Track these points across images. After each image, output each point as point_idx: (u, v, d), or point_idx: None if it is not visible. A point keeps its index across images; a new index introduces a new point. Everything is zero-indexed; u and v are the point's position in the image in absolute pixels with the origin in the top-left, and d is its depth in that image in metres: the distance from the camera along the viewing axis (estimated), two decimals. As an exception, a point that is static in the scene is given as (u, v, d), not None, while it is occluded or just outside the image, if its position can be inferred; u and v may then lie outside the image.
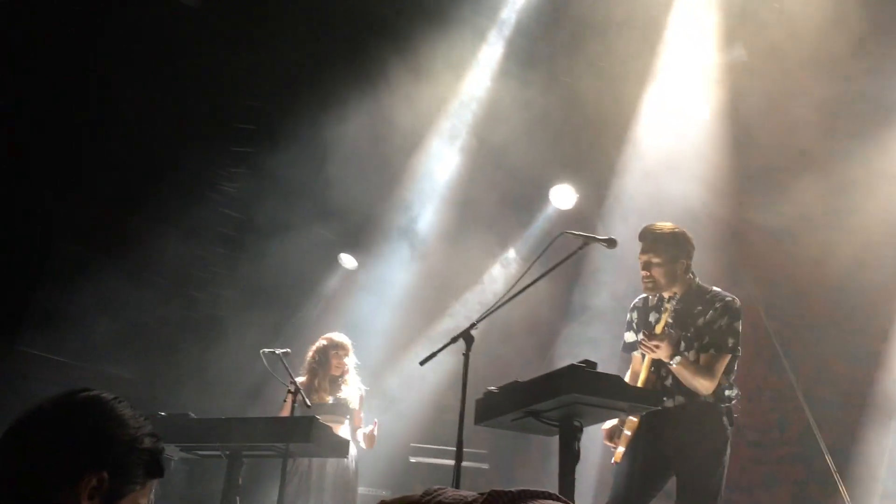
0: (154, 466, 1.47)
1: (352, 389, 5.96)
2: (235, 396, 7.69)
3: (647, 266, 4.13)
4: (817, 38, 5.51)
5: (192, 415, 5.10)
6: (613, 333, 5.76)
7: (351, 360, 6.02)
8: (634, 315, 4.37)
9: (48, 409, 1.40)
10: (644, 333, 4.01)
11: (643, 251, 4.15)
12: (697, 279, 4.17)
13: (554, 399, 3.41)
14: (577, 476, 3.45)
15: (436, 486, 1.18)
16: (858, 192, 5.94)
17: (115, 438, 1.40)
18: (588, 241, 3.94)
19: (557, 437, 3.66)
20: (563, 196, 7.46)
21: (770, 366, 6.42)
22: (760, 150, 6.50)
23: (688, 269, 4.16)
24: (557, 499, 1.06)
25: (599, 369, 3.43)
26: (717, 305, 4.03)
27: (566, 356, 5.09)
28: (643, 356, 4.12)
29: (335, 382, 5.93)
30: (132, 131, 7.16)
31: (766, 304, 6.53)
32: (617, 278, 6.57)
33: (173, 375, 7.49)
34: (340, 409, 5.83)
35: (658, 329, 3.99)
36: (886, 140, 5.78)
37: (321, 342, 6.05)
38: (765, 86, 6.10)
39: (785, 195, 6.38)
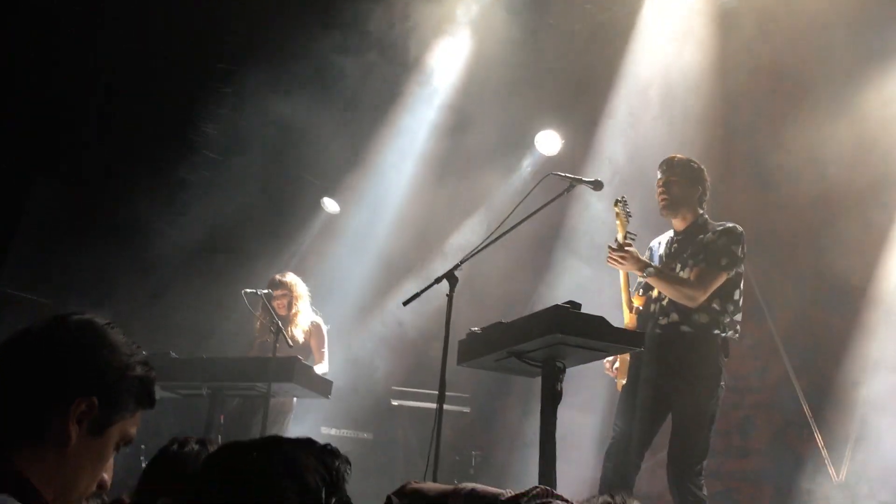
0: (145, 396, 1.41)
1: (298, 326, 5.86)
2: (216, 337, 7.68)
3: (666, 185, 4.17)
4: None
5: (174, 354, 5.09)
6: (597, 278, 5.77)
7: (290, 298, 5.88)
8: (648, 255, 4.38)
9: (38, 331, 1.35)
10: (609, 246, 4.02)
11: (663, 173, 4.21)
12: (707, 215, 4.21)
13: (537, 339, 3.40)
14: (582, 414, 3.47)
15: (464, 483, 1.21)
16: (840, 142, 5.93)
17: (107, 364, 1.35)
18: (574, 182, 3.93)
19: (539, 378, 3.68)
20: (548, 142, 7.40)
21: (751, 314, 6.46)
22: (745, 99, 6.46)
23: (702, 200, 4.19)
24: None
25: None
26: (718, 229, 4.09)
27: (550, 300, 5.08)
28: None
29: (289, 323, 5.82)
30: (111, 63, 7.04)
31: (749, 252, 6.54)
32: (601, 223, 6.56)
33: (153, 316, 7.45)
34: (300, 351, 5.76)
35: (620, 238, 4.00)
36: (874, 87, 5.75)
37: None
38: (751, 32, 6.05)
39: (768, 145, 6.37)
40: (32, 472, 1.25)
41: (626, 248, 3.95)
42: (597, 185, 3.97)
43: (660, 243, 4.36)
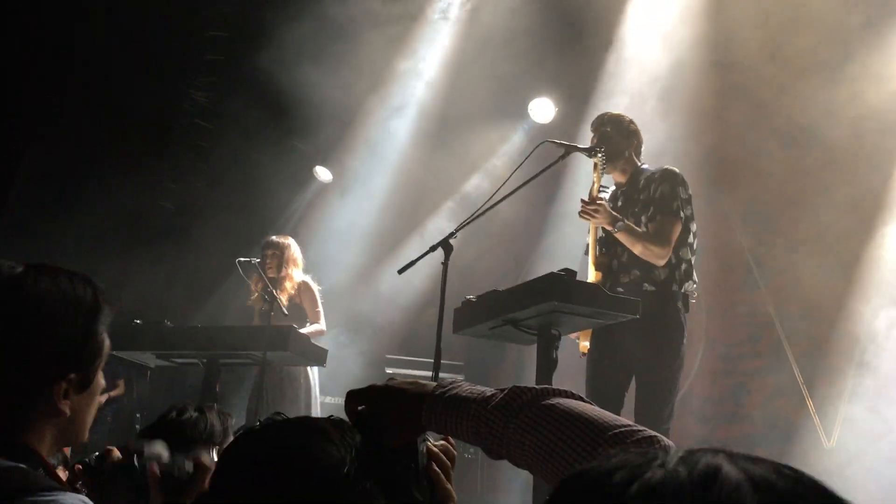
0: (110, 331, 1.34)
1: (286, 289, 5.78)
2: (210, 304, 7.69)
3: (600, 136, 4.15)
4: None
5: (168, 322, 5.09)
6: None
7: (280, 259, 5.80)
8: None
9: None
10: (582, 199, 3.99)
11: (594, 130, 4.23)
12: (646, 165, 4.20)
13: (533, 307, 3.42)
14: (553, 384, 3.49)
15: (450, 380, 1.15)
16: (833, 110, 5.93)
17: (68, 333, 1.26)
18: (570, 150, 3.91)
19: (534, 346, 3.69)
20: (542, 109, 7.38)
21: (744, 281, 6.50)
22: (740, 70, 6.44)
23: (638, 150, 4.20)
24: (580, 398, 1.05)
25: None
26: (656, 176, 4.07)
27: (544, 269, 5.09)
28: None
29: (278, 285, 5.74)
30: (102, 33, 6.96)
31: (741, 221, 6.56)
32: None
33: (146, 283, 7.45)
34: (293, 311, 5.73)
35: (594, 192, 3.99)
36: (871, 56, 5.72)
37: None
38: (746, 8, 6.02)
39: (761, 113, 6.36)
40: (42, 442, 1.25)
41: (599, 202, 3.92)
42: (591, 153, 3.95)
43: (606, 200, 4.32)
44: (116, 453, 1.59)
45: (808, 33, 5.96)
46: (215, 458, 1.59)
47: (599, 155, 4.00)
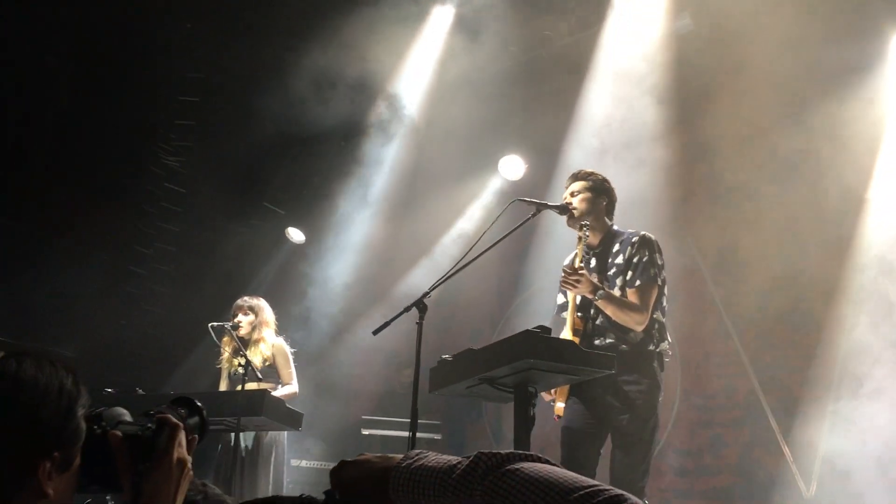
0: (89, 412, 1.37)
1: (258, 351, 5.69)
2: (182, 371, 7.58)
3: (572, 195, 4.19)
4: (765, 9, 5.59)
5: (140, 391, 5.01)
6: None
7: (250, 319, 5.73)
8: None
9: None
10: (563, 269, 4.02)
11: (570, 183, 4.25)
12: (616, 226, 4.24)
13: (509, 365, 3.40)
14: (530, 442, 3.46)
15: (416, 451, 1.15)
16: (802, 161, 6.06)
17: (50, 415, 1.29)
18: (541, 207, 3.96)
19: (511, 404, 3.67)
20: (512, 167, 7.46)
21: (716, 332, 6.54)
22: (707, 120, 6.56)
23: (609, 211, 4.23)
24: (546, 461, 1.04)
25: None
26: (634, 240, 4.09)
27: (517, 327, 5.10)
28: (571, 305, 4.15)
29: (250, 346, 5.67)
30: (67, 102, 6.96)
31: (712, 270, 6.64)
32: (567, 249, 6.61)
33: (117, 351, 7.34)
34: (266, 373, 5.68)
35: (577, 262, 4.02)
36: (831, 109, 5.88)
37: None
38: (712, 57, 6.16)
39: (730, 164, 6.48)
40: None
41: (580, 272, 3.96)
42: (562, 210, 4.00)
43: (573, 260, 4.27)
44: None
45: (774, 91, 6.11)
46: None
47: (584, 229, 4.06)
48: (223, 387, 5.74)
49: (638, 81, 6.48)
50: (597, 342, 4.01)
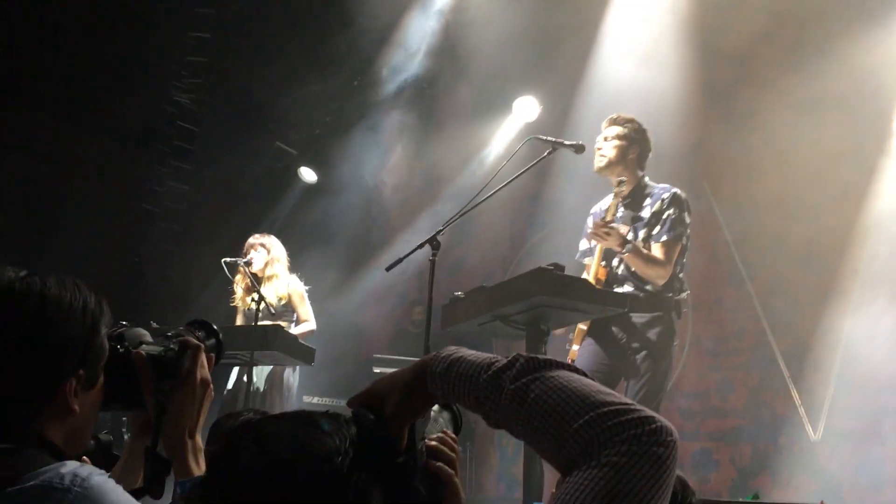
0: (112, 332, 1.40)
1: (273, 289, 5.69)
2: (195, 310, 7.64)
3: (605, 140, 4.18)
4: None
5: (155, 324, 5.04)
6: (577, 245, 5.78)
7: (263, 255, 5.70)
8: (590, 221, 4.38)
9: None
10: (595, 222, 4.03)
11: (606, 126, 4.23)
12: (647, 177, 4.21)
13: (521, 302, 3.42)
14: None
15: (455, 347, 1.14)
16: (819, 108, 5.96)
17: (76, 334, 1.31)
18: (556, 146, 3.92)
19: (522, 342, 3.69)
20: (526, 107, 7.36)
21: (729, 277, 6.53)
22: (725, 65, 6.46)
23: (640, 162, 4.21)
24: (583, 372, 1.03)
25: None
26: (665, 196, 4.10)
27: (531, 265, 5.09)
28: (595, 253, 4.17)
29: (263, 283, 5.66)
30: (76, 42, 6.90)
31: (727, 217, 6.60)
32: (581, 190, 6.57)
33: (132, 286, 7.41)
34: (282, 311, 5.70)
35: (609, 216, 4.02)
36: (848, 54, 5.75)
37: None
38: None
39: (747, 110, 6.38)
40: (54, 434, 1.29)
41: (611, 224, 3.95)
42: (578, 149, 3.95)
43: (602, 209, 4.30)
44: None
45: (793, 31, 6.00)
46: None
47: (622, 184, 4.04)
48: (239, 324, 5.78)
49: (654, 24, 6.38)
50: (616, 289, 4.03)
